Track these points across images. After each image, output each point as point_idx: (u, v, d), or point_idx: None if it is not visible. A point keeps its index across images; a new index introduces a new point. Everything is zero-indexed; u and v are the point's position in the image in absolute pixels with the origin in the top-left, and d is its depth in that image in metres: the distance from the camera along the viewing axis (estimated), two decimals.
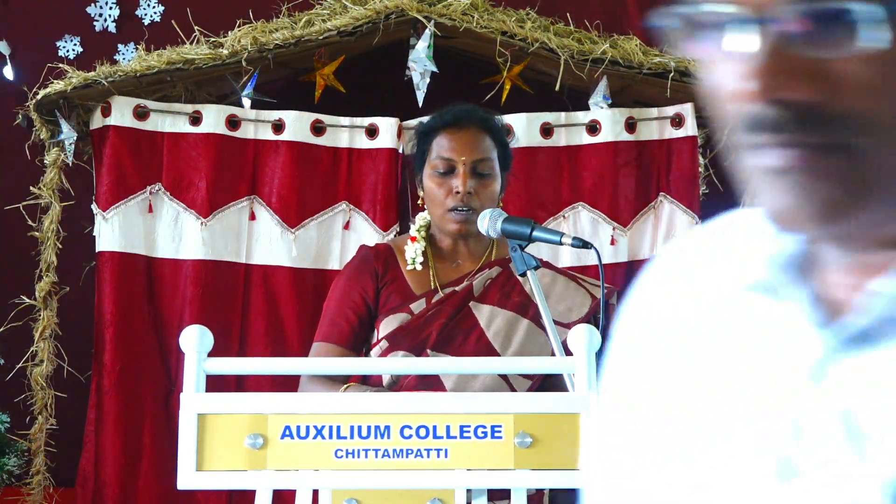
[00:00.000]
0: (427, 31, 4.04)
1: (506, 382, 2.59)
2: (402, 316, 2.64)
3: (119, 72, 4.06)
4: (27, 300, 4.18)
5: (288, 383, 3.11)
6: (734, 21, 0.78)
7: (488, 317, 2.64)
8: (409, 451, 1.76)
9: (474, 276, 2.68)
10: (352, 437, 1.76)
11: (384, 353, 2.61)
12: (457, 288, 2.67)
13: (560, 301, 2.68)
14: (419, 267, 2.70)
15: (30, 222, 4.19)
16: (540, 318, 2.64)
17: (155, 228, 4.12)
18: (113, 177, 4.07)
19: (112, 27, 4.57)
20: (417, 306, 2.64)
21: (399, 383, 2.60)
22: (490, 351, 2.60)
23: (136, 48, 4.41)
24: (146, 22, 4.57)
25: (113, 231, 4.06)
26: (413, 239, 2.73)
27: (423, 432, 1.76)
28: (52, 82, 4.09)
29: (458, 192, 2.61)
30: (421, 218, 2.76)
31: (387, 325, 2.63)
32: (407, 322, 2.63)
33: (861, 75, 0.76)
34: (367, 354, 2.67)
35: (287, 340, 4.11)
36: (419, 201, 2.75)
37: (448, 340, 2.60)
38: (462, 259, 2.73)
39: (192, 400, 1.77)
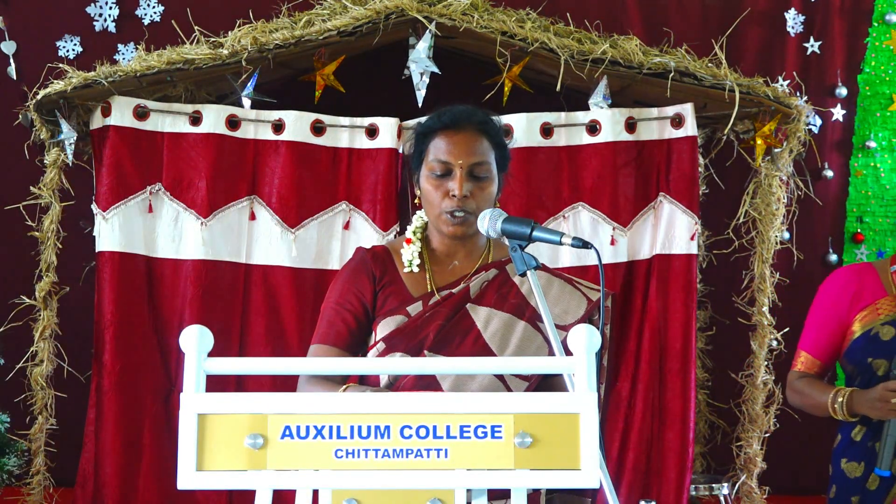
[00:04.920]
0: (427, 31, 4.04)
1: (503, 383, 2.59)
2: (399, 318, 2.64)
3: (119, 72, 4.06)
4: (27, 300, 4.18)
5: (288, 383, 3.11)
6: None
7: (485, 319, 2.64)
8: (409, 451, 1.76)
9: (471, 279, 2.68)
10: (352, 437, 1.76)
11: (381, 355, 2.61)
12: (453, 290, 2.67)
13: (556, 304, 2.68)
14: (416, 269, 2.70)
15: (30, 222, 4.19)
16: (536, 319, 2.64)
17: (155, 228, 4.12)
18: (113, 177, 4.08)
19: (112, 27, 4.57)
20: (414, 308, 2.64)
21: (395, 384, 2.59)
22: (487, 352, 2.59)
23: (136, 48, 4.42)
24: (146, 22, 4.57)
25: (113, 231, 4.06)
26: (409, 241, 2.73)
27: (423, 432, 1.76)
28: (52, 82, 4.09)
29: (454, 195, 2.61)
30: (417, 219, 2.76)
31: (384, 327, 2.63)
32: (404, 324, 2.62)
33: None
34: (364, 356, 2.67)
35: (287, 340, 4.11)
36: (416, 200, 2.75)
37: (445, 342, 2.60)
38: (459, 261, 2.72)
39: (192, 400, 1.77)
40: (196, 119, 4.13)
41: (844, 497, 3.25)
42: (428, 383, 2.56)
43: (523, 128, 4.16)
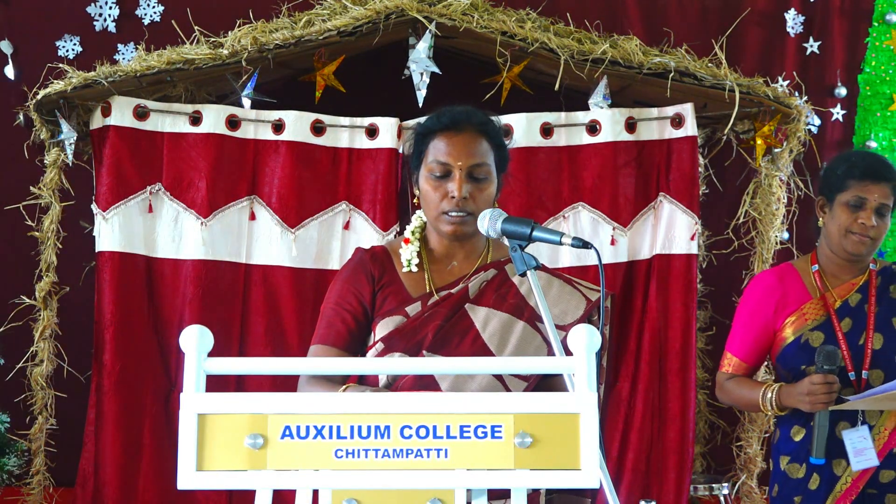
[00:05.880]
0: (427, 31, 4.04)
1: (501, 384, 2.59)
2: (398, 318, 2.63)
3: (119, 72, 4.06)
4: (27, 300, 4.18)
5: (288, 383, 3.12)
6: None
7: (484, 319, 2.63)
8: (409, 451, 1.76)
9: (470, 279, 2.68)
10: (352, 437, 1.76)
11: (380, 355, 2.60)
12: (452, 290, 2.66)
13: (555, 304, 2.68)
14: (415, 269, 2.70)
15: (30, 222, 4.19)
16: (535, 320, 2.63)
17: (155, 228, 4.12)
18: (113, 177, 4.08)
19: (112, 27, 4.57)
20: (413, 309, 2.64)
21: (395, 385, 2.59)
22: (486, 353, 2.59)
23: (136, 48, 4.42)
24: (146, 22, 4.57)
25: (113, 231, 4.06)
26: (407, 241, 2.72)
27: (423, 432, 1.76)
28: (52, 82, 4.09)
29: (453, 197, 2.61)
30: (416, 219, 2.76)
31: (383, 328, 2.63)
32: (403, 324, 2.62)
33: None
34: (363, 357, 2.67)
35: (287, 340, 4.11)
36: (415, 200, 2.74)
37: (444, 342, 2.60)
38: (457, 261, 2.72)
39: (192, 400, 1.77)
40: (196, 119, 4.13)
41: (787, 496, 3.32)
42: (427, 384, 2.55)
43: (523, 128, 4.15)
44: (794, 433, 3.31)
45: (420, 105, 4.01)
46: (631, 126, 4.19)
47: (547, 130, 4.19)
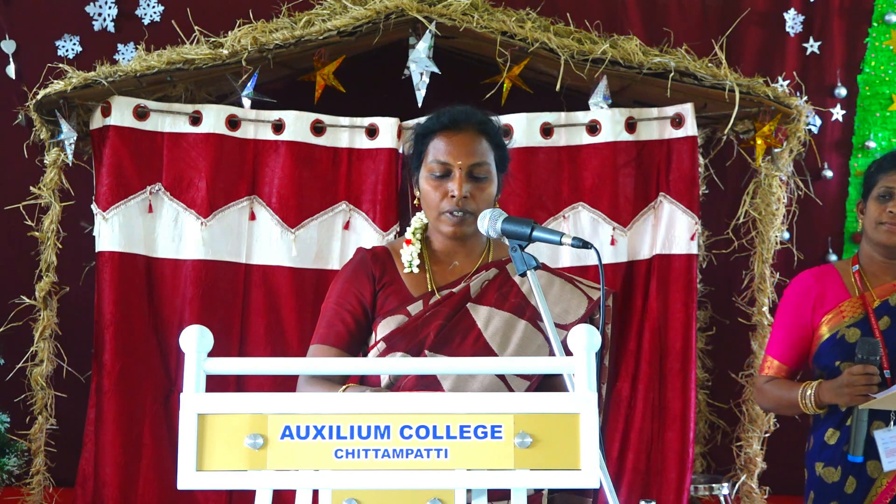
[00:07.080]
0: (427, 31, 4.04)
1: (504, 383, 2.59)
2: (400, 318, 2.63)
3: (119, 72, 4.06)
4: (27, 300, 4.18)
5: (288, 383, 3.11)
6: None
7: (486, 318, 2.64)
8: (409, 451, 1.76)
9: (471, 278, 2.68)
10: (352, 437, 1.76)
11: (382, 355, 2.60)
12: (454, 290, 2.66)
13: (557, 303, 2.68)
14: (416, 269, 2.70)
15: (29, 222, 4.19)
16: (537, 319, 2.63)
17: (155, 228, 4.12)
18: (113, 177, 4.08)
19: (111, 27, 4.57)
20: (414, 308, 2.64)
21: (396, 384, 2.59)
22: (488, 352, 2.59)
23: (136, 48, 4.42)
24: (146, 22, 4.57)
25: (113, 231, 4.06)
26: (408, 241, 2.72)
27: (423, 432, 1.76)
28: (52, 82, 4.09)
29: (454, 196, 2.61)
30: (416, 220, 2.76)
31: (384, 327, 2.63)
32: (404, 324, 2.62)
33: None
34: (364, 357, 2.67)
35: (287, 340, 4.11)
36: (415, 201, 2.74)
37: (446, 342, 2.60)
38: (459, 261, 2.72)
39: (192, 400, 1.77)
40: (196, 119, 4.13)
41: (823, 502, 3.28)
42: (429, 383, 2.56)
43: (523, 128, 4.15)
44: (829, 437, 3.27)
45: (420, 105, 4.01)
46: (631, 126, 4.19)
47: (547, 130, 4.19)
